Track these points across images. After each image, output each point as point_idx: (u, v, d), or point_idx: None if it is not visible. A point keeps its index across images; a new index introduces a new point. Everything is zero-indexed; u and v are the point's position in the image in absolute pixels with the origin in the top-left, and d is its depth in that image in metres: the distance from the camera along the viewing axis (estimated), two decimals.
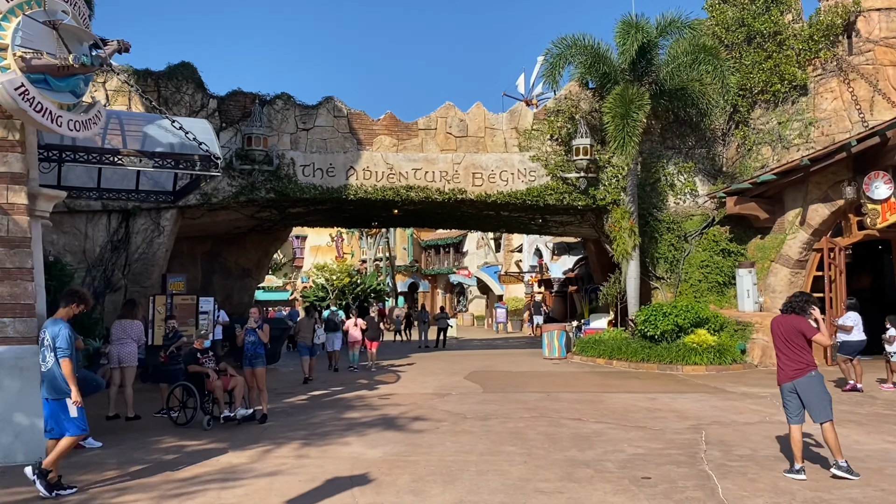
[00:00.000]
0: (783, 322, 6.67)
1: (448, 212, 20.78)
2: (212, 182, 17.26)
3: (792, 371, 6.52)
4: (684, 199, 19.50)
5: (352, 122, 18.55)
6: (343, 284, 39.19)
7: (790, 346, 6.55)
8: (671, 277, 19.15)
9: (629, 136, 16.79)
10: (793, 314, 6.67)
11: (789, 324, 6.59)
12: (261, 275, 24.40)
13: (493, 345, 26.99)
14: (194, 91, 17.45)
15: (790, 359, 6.55)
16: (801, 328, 6.52)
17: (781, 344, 6.63)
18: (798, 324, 6.55)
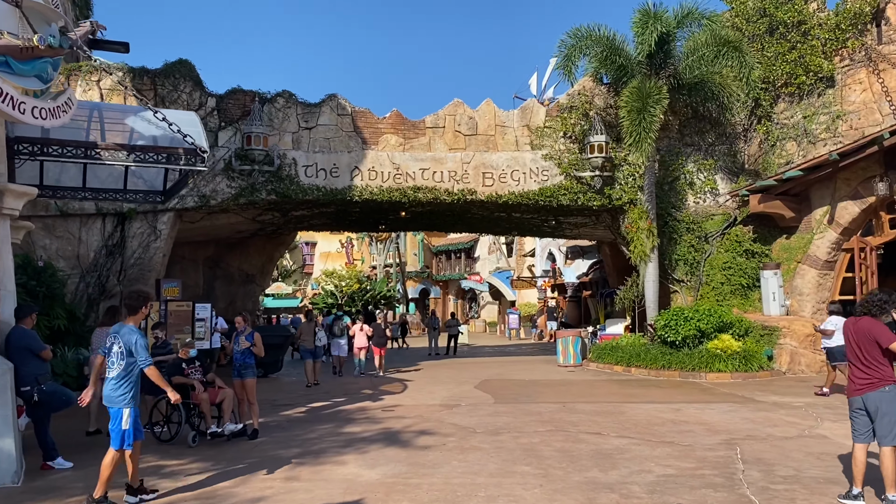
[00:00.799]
0: (856, 326, 5.76)
1: (457, 214, 20.01)
2: (210, 183, 16.63)
3: (862, 384, 5.63)
4: (704, 198, 18.62)
5: (356, 120, 17.83)
6: (352, 291, 38.44)
7: (863, 355, 5.65)
8: (691, 280, 18.27)
9: (646, 131, 15.95)
10: (867, 317, 5.73)
11: (862, 328, 5.67)
12: (265, 281, 23.71)
13: (506, 352, 26.14)
14: (192, 89, 16.79)
15: (861, 370, 5.66)
16: (876, 334, 5.56)
17: (852, 352, 5.75)
18: (872, 328, 5.60)
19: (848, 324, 5.88)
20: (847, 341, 5.83)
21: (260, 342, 9.17)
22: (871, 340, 5.56)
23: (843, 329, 5.98)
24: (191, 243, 20.99)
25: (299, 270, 60.18)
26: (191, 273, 21.08)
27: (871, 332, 5.58)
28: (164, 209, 16.33)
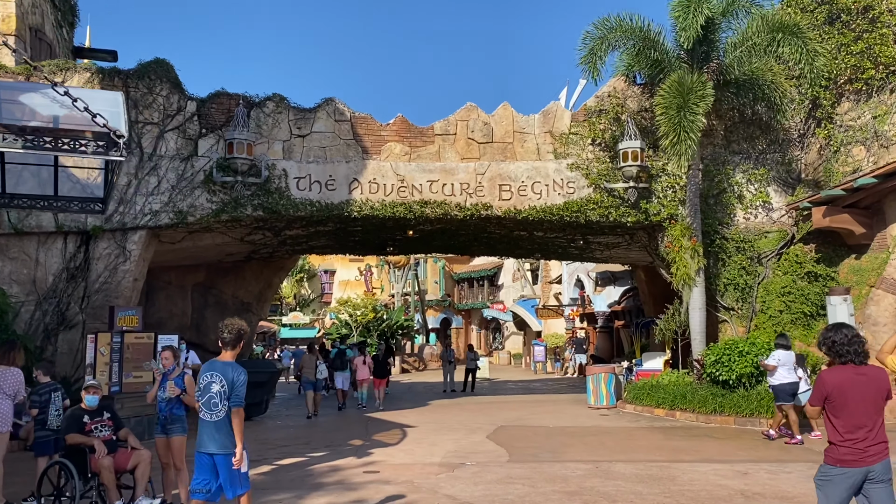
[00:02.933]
0: (868, 377, 4.49)
1: (472, 233, 17.75)
2: (188, 198, 14.64)
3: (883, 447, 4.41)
4: (756, 213, 16.13)
5: (356, 127, 15.76)
6: (368, 320, 36.28)
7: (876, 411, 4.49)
8: (743, 308, 15.72)
9: (687, 131, 13.62)
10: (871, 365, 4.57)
11: (880, 378, 4.51)
12: (263, 309, 21.61)
13: (530, 388, 23.62)
14: (170, 92, 14.87)
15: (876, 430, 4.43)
16: (888, 382, 4.50)
17: (863, 408, 4.43)
18: (884, 377, 4.52)
19: (849, 374, 4.45)
20: (852, 396, 4.42)
21: (192, 387, 6.94)
22: (885, 392, 4.47)
23: (841, 382, 4.49)
24: (178, 268, 19.03)
25: (318, 299, 58.32)
26: (177, 300, 19.06)
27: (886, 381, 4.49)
28: (134, 226, 14.34)
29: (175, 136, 14.80)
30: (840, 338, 4.54)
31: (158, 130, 14.72)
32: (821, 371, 4.93)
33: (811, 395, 4.64)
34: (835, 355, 4.55)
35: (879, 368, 4.65)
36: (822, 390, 4.46)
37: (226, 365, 5.56)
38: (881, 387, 4.45)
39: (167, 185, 14.59)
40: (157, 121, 14.71)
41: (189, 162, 14.75)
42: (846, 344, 4.50)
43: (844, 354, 4.49)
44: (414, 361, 37.10)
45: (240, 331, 5.65)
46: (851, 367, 4.47)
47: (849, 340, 4.50)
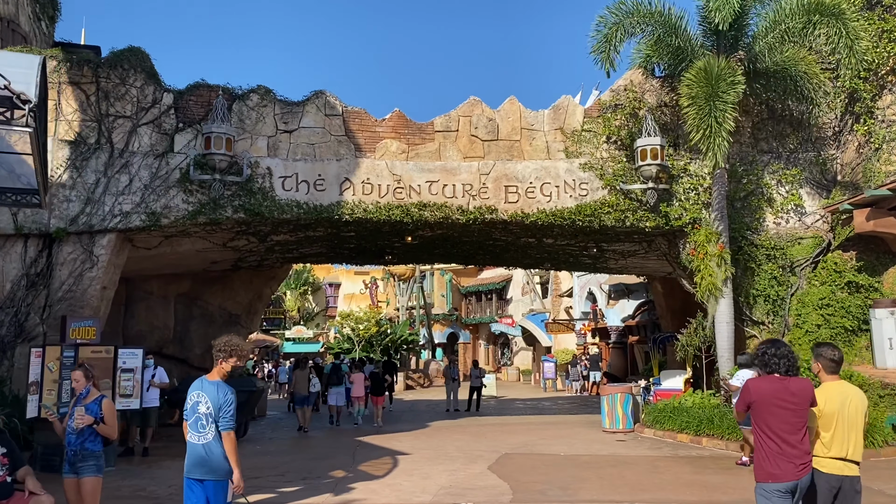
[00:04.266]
0: (792, 387, 4.62)
1: (476, 240, 16.34)
2: (162, 198, 13.32)
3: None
4: (787, 218, 14.66)
5: (348, 122, 14.43)
6: (371, 335, 34.86)
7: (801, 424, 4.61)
8: (774, 322, 14.21)
9: (718, 122, 12.21)
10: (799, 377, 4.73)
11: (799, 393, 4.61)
12: (253, 322, 20.23)
13: (540, 407, 22.09)
14: (144, 83, 13.61)
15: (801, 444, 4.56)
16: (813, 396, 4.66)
17: (786, 420, 4.57)
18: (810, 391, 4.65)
19: (775, 385, 4.62)
20: (776, 406, 4.61)
21: (112, 415, 5.55)
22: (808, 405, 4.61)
23: (766, 392, 4.69)
24: (160, 277, 17.71)
25: (322, 313, 56.98)
26: (159, 312, 17.72)
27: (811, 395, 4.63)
28: (102, 229, 13.04)
29: (149, 130, 13.52)
30: (772, 350, 4.70)
31: (131, 124, 13.45)
32: (748, 379, 4.92)
33: (737, 399, 4.85)
34: (763, 366, 4.71)
35: (805, 380, 4.68)
36: (747, 397, 4.62)
37: (212, 384, 5.33)
38: (806, 398, 4.54)
39: (139, 183, 13.30)
40: (130, 114, 13.45)
41: (164, 159, 13.46)
42: (775, 356, 4.65)
43: (772, 366, 4.62)
44: (419, 378, 35.57)
45: (232, 348, 5.44)
46: (778, 379, 4.59)
47: (780, 354, 4.66)
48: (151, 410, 12.20)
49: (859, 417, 4.76)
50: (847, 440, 4.68)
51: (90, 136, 13.24)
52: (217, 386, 5.33)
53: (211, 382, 5.35)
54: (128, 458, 11.81)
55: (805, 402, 4.54)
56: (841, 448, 4.65)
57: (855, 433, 4.72)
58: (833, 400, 4.72)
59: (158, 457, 11.78)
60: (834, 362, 4.82)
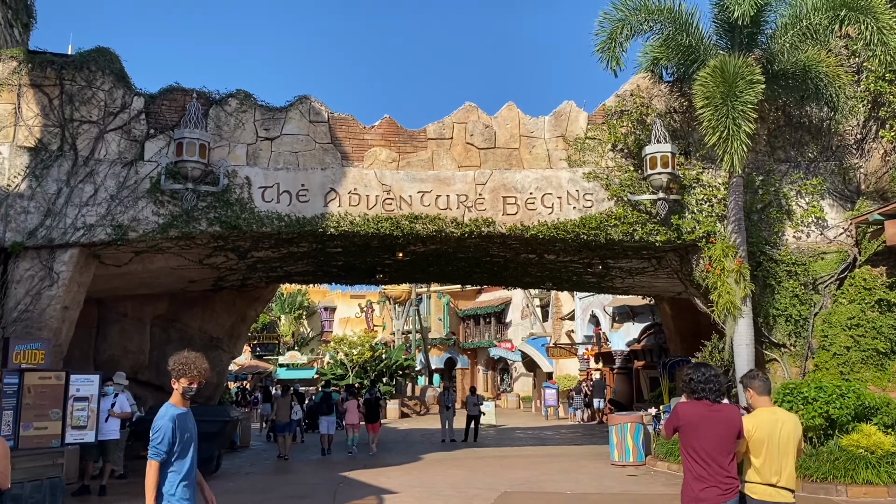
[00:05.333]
0: (720, 414, 4.70)
1: (472, 256, 15.24)
2: (130, 209, 12.26)
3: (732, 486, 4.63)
4: (808, 232, 13.57)
5: (335, 129, 13.41)
6: (365, 360, 33.61)
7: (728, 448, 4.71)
8: (797, 344, 13.05)
9: (737, 126, 11.17)
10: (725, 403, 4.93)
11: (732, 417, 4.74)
12: (235, 346, 19.03)
13: (542, 437, 20.81)
14: (113, 86, 12.60)
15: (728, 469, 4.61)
16: (740, 424, 4.77)
17: (716, 445, 4.63)
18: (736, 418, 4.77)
19: (703, 410, 4.66)
20: (703, 431, 4.65)
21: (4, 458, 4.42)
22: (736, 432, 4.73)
23: (693, 416, 4.71)
24: (135, 298, 16.57)
25: (318, 338, 55.75)
26: (133, 336, 16.56)
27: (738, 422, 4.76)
28: (63, 243, 11.94)
29: (117, 137, 12.49)
30: (698, 375, 4.72)
31: (98, 130, 12.42)
32: (678, 403, 4.92)
33: (665, 421, 4.94)
34: (690, 392, 4.73)
35: (732, 407, 4.84)
36: (675, 420, 4.68)
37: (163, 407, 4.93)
38: (732, 425, 4.62)
39: (105, 194, 12.22)
40: (97, 119, 12.42)
41: (133, 167, 12.40)
42: (702, 381, 4.68)
43: (699, 391, 4.67)
44: (415, 405, 34.23)
45: (182, 366, 4.91)
46: (706, 404, 4.65)
47: (706, 378, 4.70)
48: (110, 443, 10.99)
49: (791, 444, 4.78)
50: (778, 467, 4.73)
51: (52, 143, 12.20)
52: (160, 409, 4.88)
53: (163, 407, 4.92)
54: (82, 497, 10.59)
55: (733, 428, 4.62)
56: (771, 475, 4.71)
57: (787, 460, 4.76)
58: (763, 426, 4.80)
59: (117, 495, 10.57)
60: (763, 385, 5.02)
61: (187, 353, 5.02)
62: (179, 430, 4.80)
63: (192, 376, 4.89)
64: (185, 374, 4.88)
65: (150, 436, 4.74)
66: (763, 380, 5.11)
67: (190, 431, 4.93)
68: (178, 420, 4.80)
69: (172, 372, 4.90)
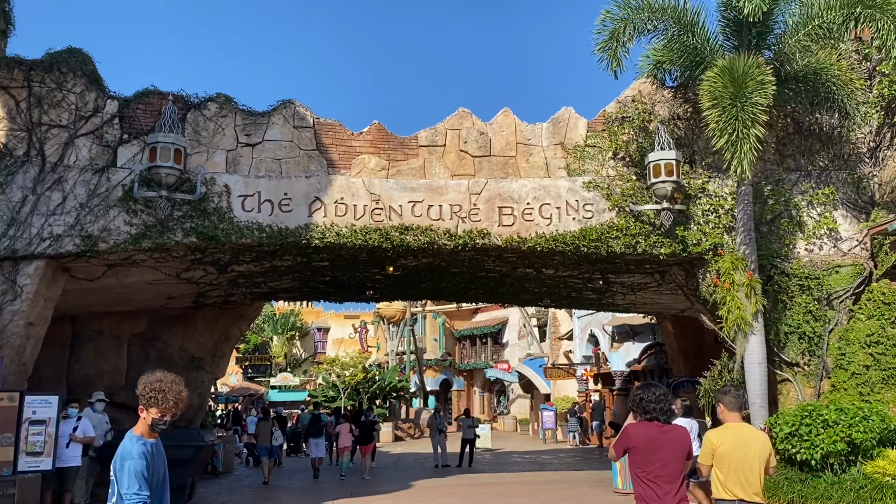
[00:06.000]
0: (671, 435, 4.71)
1: (467, 271, 14.48)
2: (100, 219, 11.50)
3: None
4: (820, 244, 12.86)
5: (320, 135, 12.71)
6: (357, 381, 32.68)
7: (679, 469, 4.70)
8: (811, 363, 12.29)
9: (746, 129, 10.49)
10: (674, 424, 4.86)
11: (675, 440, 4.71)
12: (218, 366, 18.16)
13: (540, 462, 19.91)
14: (85, 89, 11.89)
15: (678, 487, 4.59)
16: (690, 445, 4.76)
17: (665, 465, 4.60)
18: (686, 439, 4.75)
19: (654, 431, 4.66)
20: (654, 452, 4.62)
21: None
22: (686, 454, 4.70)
23: (644, 437, 4.71)
24: (111, 315, 15.75)
25: (311, 359, 54.71)
26: (109, 355, 15.71)
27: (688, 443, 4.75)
28: (28, 255, 11.16)
29: (89, 142, 11.76)
30: (648, 395, 4.71)
31: (67, 135, 11.69)
32: (626, 425, 4.93)
33: (615, 442, 4.93)
34: (641, 412, 4.72)
35: (682, 428, 4.77)
36: (625, 441, 4.69)
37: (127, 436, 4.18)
38: (682, 446, 4.61)
39: (74, 202, 11.47)
40: (67, 123, 11.70)
41: (104, 174, 11.66)
42: (653, 402, 4.68)
43: (650, 412, 4.65)
44: (409, 428, 33.25)
45: (152, 394, 4.11)
46: (656, 425, 4.64)
47: (656, 398, 4.69)
48: (70, 471, 10.11)
49: (756, 461, 4.88)
50: (743, 481, 4.83)
51: (18, 148, 11.46)
52: (123, 442, 4.11)
53: (127, 436, 4.16)
54: None
55: (683, 449, 4.61)
56: (736, 488, 4.80)
57: (752, 475, 4.84)
58: (728, 440, 4.94)
59: None
60: (735, 401, 5.15)
61: (162, 376, 4.20)
62: (150, 469, 4.04)
63: (164, 408, 4.09)
64: (157, 405, 4.09)
65: (121, 478, 3.96)
66: (735, 396, 5.24)
67: (159, 471, 4.14)
68: (149, 456, 4.05)
69: (141, 398, 4.12)
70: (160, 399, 4.06)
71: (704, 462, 5.12)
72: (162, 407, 4.07)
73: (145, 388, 4.11)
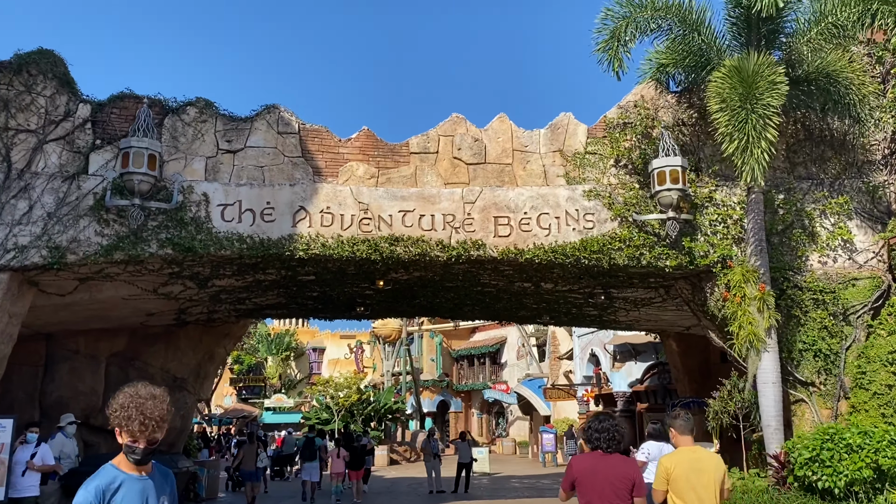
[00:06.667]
0: (607, 463, 4.67)
1: (461, 285, 13.74)
2: (69, 229, 10.77)
3: None
4: (834, 256, 12.15)
5: (306, 141, 12.05)
6: (351, 403, 31.80)
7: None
8: (826, 382, 11.52)
9: (758, 132, 9.82)
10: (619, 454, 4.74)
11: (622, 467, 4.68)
12: (202, 387, 17.37)
13: (539, 487, 19.04)
14: (56, 92, 11.25)
15: None
16: (638, 479, 4.66)
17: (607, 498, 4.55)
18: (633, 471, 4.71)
19: (596, 460, 4.70)
20: (595, 482, 4.63)
21: None
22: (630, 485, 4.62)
23: (585, 467, 4.76)
24: (88, 333, 14.99)
25: (306, 380, 53.79)
26: (85, 375, 14.92)
27: (630, 475, 4.66)
28: None
29: (59, 148, 11.09)
30: (594, 425, 4.74)
31: (36, 140, 11.02)
32: (573, 457, 4.97)
33: (562, 480, 4.84)
34: (586, 441, 4.76)
35: (626, 458, 4.79)
36: (570, 475, 4.72)
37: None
38: (625, 475, 4.55)
39: (42, 211, 10.77)
40: (36, 128, 11.04)
41: (75, 182, 10.97)
42: (597, 431, 4.70)
43: (592, 441, 4.69)
44: (405, 451, 32.32)
45: (123, 416, 3.27)
46: (599, 454, 4.67)
47: (601, 428, 4.69)
48: (25, 502, 9.30)
49: (711, 483, 4.92)
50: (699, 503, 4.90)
51: None
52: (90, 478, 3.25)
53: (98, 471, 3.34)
54: None
55: (625, 480, 4.55)
56: None
57: (709, 499, 4.88)
58: (682, 464, 4.99)
59: None
60: (686, 424, 5.19)
61: (135, 391, 3.36)
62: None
63: (131, 430, 3.24)
64: (124, 427, 3.27)
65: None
66: (685, 419, 5.28)
67: None
68: (116, 493, 3.17)
69: (111, 418, 3.33)
70: (125, 420, 3.25)
71: (659, 487, 5.09)
72: (130, 429, 3.24)
73: (112, 405, 3.34)
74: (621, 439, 4.70)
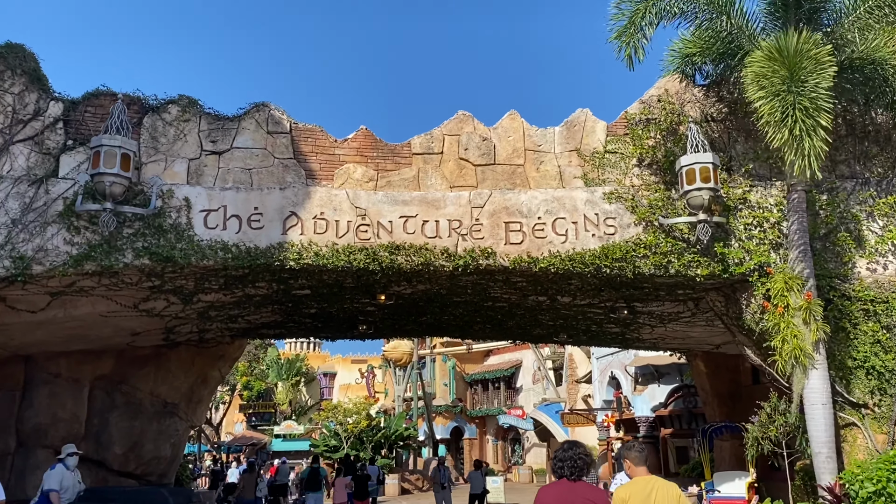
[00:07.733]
0: (574, 493, 4.67)
1: (470, 299, 12.60)
2: (35, 237, 9.79)
3: None
4: (885, 262, 10.91)
5: (299, 142, 11.03)
6: (361, 429, 30.53)
7: None
8: (881, 403, 10.23)
9: (810, 117, 8.67)
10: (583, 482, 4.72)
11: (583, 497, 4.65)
12: (195, 412, 16.24)
13: None
14: (25, 89, 10.34)
15: None
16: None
17: None
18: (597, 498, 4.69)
19: (562, 489, 4.68)
20: None
21: None
22: None
23: (552, 498, 4.77)
24: (70, 355, 13.95)
25: (317, 406, 52.51)
26: (67, 401, 13.85)
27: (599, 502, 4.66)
28: None
29: (27, 149, 10.15)
30: (559, 453, 4.76)
31: (2, 140, 10.10)
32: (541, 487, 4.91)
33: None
34: (552, 471, 4.80)
35: (592, 486, 4.80)
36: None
37: None
38: (592, 503, 4.56)
39: (6, 218, 9.81)
40: (2, 127, 10.12)
41: (43, 186, 10.01)
42: (561, 459, 4.71)
43: (557, 470, 4.71)
44: (416, 479, 30.90)
45: None
46: (564, 482, 4.68)
47: (566, 456, 4.70)
48: None
49: None
50: None
51: None
52: None
53: None
54: None
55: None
56: None
57: None
58: (637, 494, 4.98)
59: None
60: (640, 455, 5.25)
61: None
62: None
63: None
64: None
65: None
66: (639, 450, 5.29)
67: None
68: None
69: None
70: None
71: None
72: None
73: None
74: (584, 466, 4.68)
